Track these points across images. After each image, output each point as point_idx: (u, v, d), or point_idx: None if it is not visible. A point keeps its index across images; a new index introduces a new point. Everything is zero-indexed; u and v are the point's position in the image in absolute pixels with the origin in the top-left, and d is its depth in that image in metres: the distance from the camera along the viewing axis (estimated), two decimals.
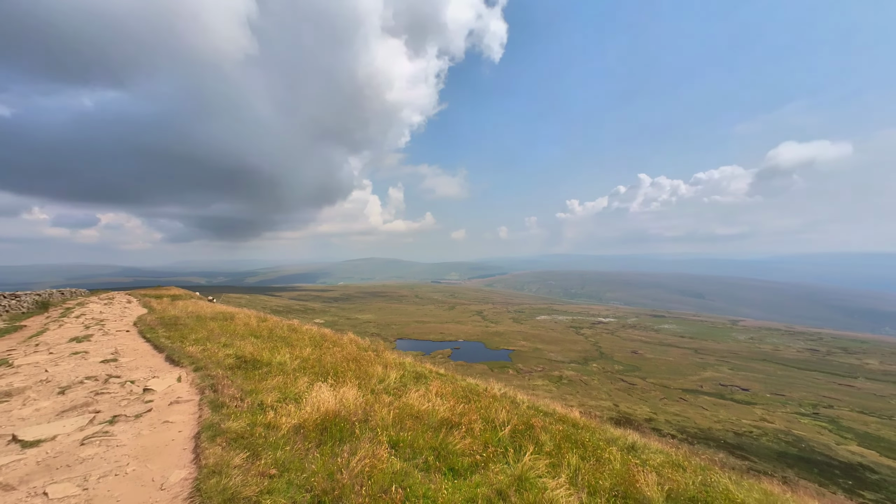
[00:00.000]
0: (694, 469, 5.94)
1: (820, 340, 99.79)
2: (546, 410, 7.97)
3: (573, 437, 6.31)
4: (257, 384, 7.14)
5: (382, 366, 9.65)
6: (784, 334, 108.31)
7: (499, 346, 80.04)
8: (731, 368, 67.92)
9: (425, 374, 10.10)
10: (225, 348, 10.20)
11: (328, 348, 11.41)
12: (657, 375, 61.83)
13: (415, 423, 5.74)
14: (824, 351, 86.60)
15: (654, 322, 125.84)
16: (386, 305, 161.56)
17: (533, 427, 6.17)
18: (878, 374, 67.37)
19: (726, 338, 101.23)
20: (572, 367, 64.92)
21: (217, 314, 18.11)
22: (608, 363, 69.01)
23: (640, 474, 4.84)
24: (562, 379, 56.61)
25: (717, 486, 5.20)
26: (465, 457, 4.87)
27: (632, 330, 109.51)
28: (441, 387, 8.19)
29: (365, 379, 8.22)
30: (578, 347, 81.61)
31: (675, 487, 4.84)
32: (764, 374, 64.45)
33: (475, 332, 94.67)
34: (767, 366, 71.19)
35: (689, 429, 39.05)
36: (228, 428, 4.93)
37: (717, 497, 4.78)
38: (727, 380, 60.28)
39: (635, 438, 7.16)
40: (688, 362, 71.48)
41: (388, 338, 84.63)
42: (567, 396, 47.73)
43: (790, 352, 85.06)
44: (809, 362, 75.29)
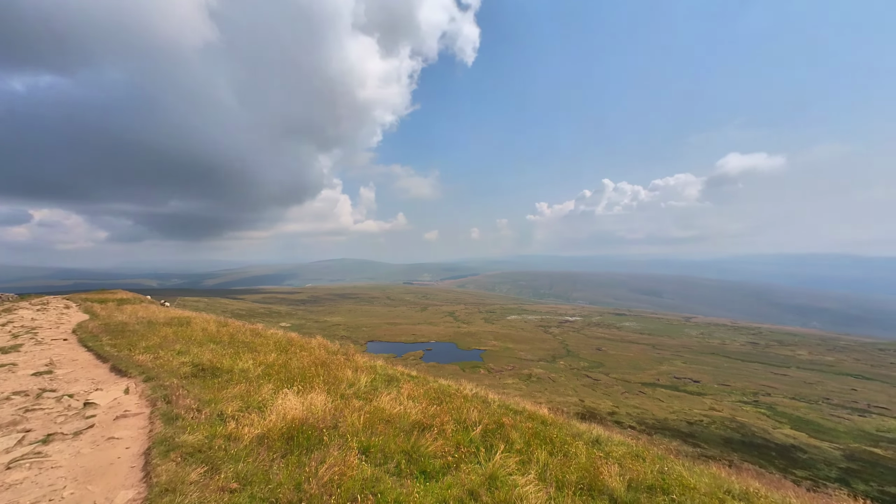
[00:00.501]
0: (652, 458, 6.32)
1: (759, 334, 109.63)
2: (516, 409, 8.15)
3: (542, 433, 6.50)
4: (217, 393, 6.73)
5: (353, 370, 9.44)
6: (730, 329, 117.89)
7: (470, 346, 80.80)
8: (684, 362, 72.88)
9: (397, 376, 9.99)
10: (180, 356, 9.52)
11: (295, 353, 10.98)
12: (619, 371, 65.10)
13: (386, 427, 5.66)
14: (763, 344, 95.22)
15: (617, 320, 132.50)
16: (356, 307, 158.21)
17: (504, 426, 6.29)
18: (808, 364, 75.09)
19: (680, 334, 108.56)
20: (541, 365, 66.84)
21: (171, 319, 16.87)
22: (574, 360, 71.74)
23: (604, 466, 5.09)
24: (531, 377, 58.10)
25: (673, 473, 5.57)
26: (437, 459, 4.87)
27: (596, 328, 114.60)
28: (413, 389, 8.14)
29: (334, 384, 8.00)
30: (547, 346, 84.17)
31: (635, 477, 5.13)
32: (712, 367, 69.74)
33: (447, 333, 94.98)
34: (715, 359, 77.11)
35: (648, 420, 41.42)
36: (184, 441, 4.61)
37: (672, 483, 5.12)
38: (681, 373, 64.63)
39: (599, 432, 7.50)
40: (646, 357, 75.87)
41: (359, 341, 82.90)
42: (536, 394, 49.07)
43: (735, 345, 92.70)
44: (751, 354, 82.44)
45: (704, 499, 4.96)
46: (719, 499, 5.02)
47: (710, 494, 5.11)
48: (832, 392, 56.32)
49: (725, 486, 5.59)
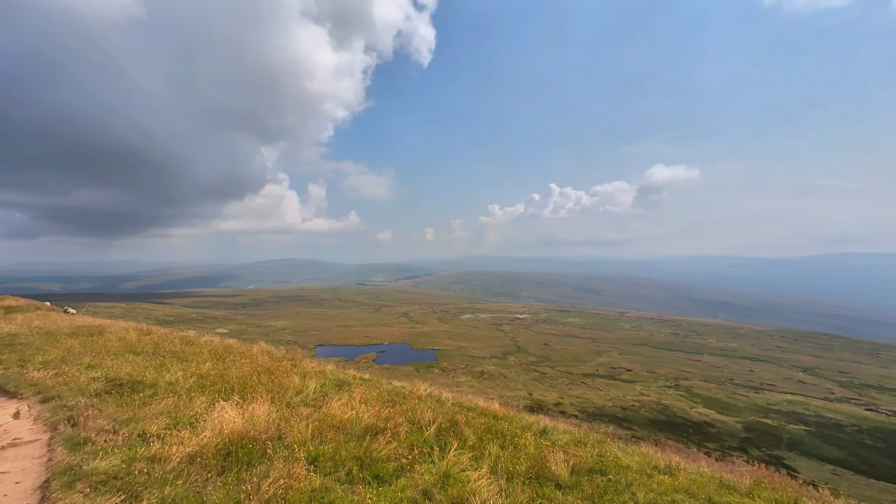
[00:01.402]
0: (592, 443, 6.85)
1: (679, 326, 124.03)
2: (469, 406, 8.32)
3: (494, 428, 6.71)
4: (138, 411, 5.94)
5: (300, 376, 8.93)
6: (656, 322, 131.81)
7: (425, 346, 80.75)
8: (619, 353, 79.93)
9: (348, 380, 9.65)
10: (90, 370, 8.25)
11: (234, 361, 10.09)
12: (564, 364, 69.50)
13: (337, 433, 5.44)
14: (682, 334, 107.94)
15: (562, 316, 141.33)
16: (304, 310, 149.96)
17: (457, 423, 6.39)
18: (716, 351, 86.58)
19: (616, 327, 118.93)
20: (493, 361, 68.97)
21: (78, 329, 14.56)
22: (524, 356, 75.11)
23: (550, 454, 5.40)
24: (483, 374, 59.67)
25: (610, 455, 6.10)
26: (391, 462, 4.80)
27: (543, 324, 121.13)
28: (365, 392, 7.93)
29: (279, 392, 7.49)
30: (498, 343, 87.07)
31: (578, 462, 5.52)
32: (642, 356, 77.40)
33: (401, 334, 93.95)
34: (645, 349, 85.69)
35: (589, 408, 44.75)
36: (95, 469, 4.00)
37: (609, 465, 5.60)
38: (616, 363, 70.81)
39: (546, 423, 7.94)
40: (587, 350, 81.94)
41: (307, 345, 78.68)
42: (488, 390, 50.53)
43: (660, 336, 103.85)
44: (673, 344, 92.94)
45: (636, 476, 5.49)
46: (648, 474, 5.60)
47: (641, 471, 5.67)
48: (734, 373, 65.57)
49: (653, 462, 6.24)
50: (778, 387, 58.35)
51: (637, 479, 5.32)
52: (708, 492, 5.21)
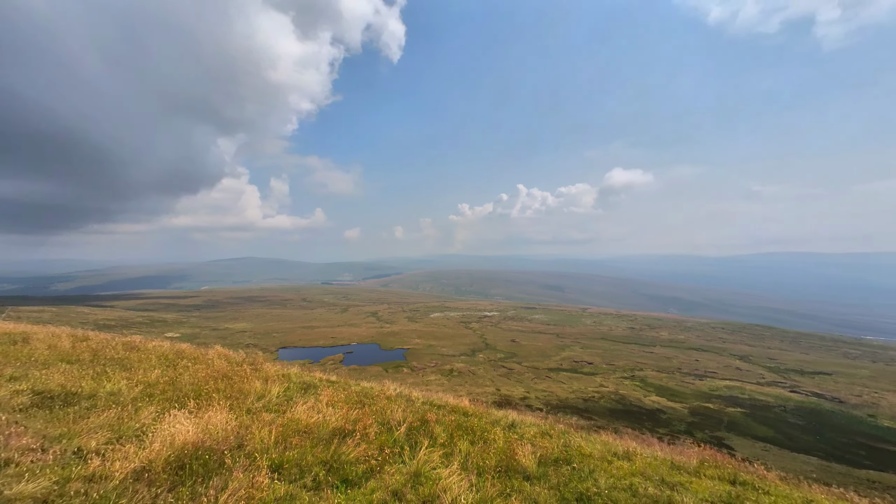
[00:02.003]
0: (558, 434, 7.14)
1: (635, 320, 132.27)
2: (440, 404, 8.34)
3: (464, 424, 6.78)
4: (72, 425, 5.35)
5: (262, 380, 8.49)
6: (615, 317, 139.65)
7: (394, 345, 79.93)
8: (581, 347, 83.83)
9: (314, 383, 9.32)
10: (13, 383, 7.31)
11: (186, 367, 9.39)
12: (530, 359, 71.72)
13: (302, 438, 5.23)
14: (638, 328, 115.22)
15: (528, 313, 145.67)
16: (266, 311, 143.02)
17: (428, 422, 6.38)
18: (667, 343, 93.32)
19: (578, 323, 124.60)
20: (462, 359, 69.70)
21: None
22: (492, 353, 76.60)
23: (519, 447, 5.56)
24: (452, 372, 60.13)
25: (573, 445, 6.39)
26: (360, 464, 4.69)
27: (511, 321, 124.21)
28: (333, 395, 7.69)
29: (239, 398, 7.08)
30: (467, 341, 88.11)
31: (544, 453, 5.72)
32: (602, 350, 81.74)
33: (369, 334, 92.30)
34: (605, 342, 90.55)
35: (553, 401, 46.54)
36: (19, 493, 3.55)
37: (574, 454, 5.86)
38: (579, 357, 74.22)
39: (514, 417, 8.15)
40: (552, 345, 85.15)
41: (269, 348, 75.09)
42: (457, 387, 50.99)
43: (618, 330, 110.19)
44: (629, 337, 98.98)
45: (598, 463, 5.79)
46: (608, 461, 5.93)
47: (602, 458, 5.99)
48: (683, 363, 71.07)
49: (612, 449, 6.62)
50: (719, 374, 64.04)
51: (599, 465, 5.62)
52: (661, 473, 5.61)
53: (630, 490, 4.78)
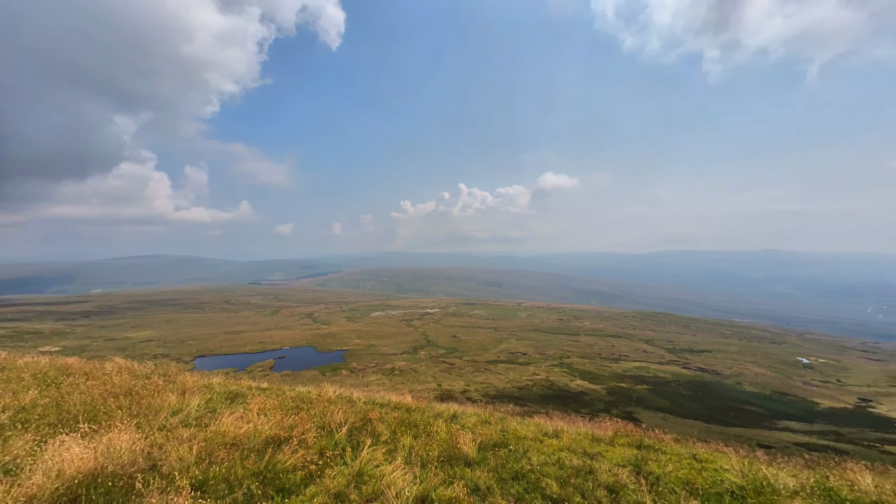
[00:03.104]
0: (496, 421, 7.59)
1: (563, 312, 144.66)
2: (382, 402, 8.27)
3: (407, 420, 6.84)
4: None
5: (178, 393, 7.54)
6: (546, 310, 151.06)
7: (331, 347, 76.40)
8: (517, 339, 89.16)
9: (242, 392, 8.56)
10: None
11: (75, 385, 7.92)
12: (470, 353, 74.19)
13: (231, 451, 4.80)
14: (566, 319, 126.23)
15: (468, 309, 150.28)
16: (178, 316, 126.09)
17: (370, 420, 6.31)
18: (590, 331, 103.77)
19: (514, 316, 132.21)
20: (404, 357, 69.36)
21: None
22: (434, 349, 77.53)
23: (460, 436, 5.80)
24: (394, 370, 59.55)
25: (510, 429, 6.86)
26: (298, 471, 4.48)
27: (452, 317, 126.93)
28: (265, 402, 7.16)
29: (149, 415, 6.21)
30: (409, 338, 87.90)
31: (484, 439, 6.06)
32: (535, 341, 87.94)
33: (304, 337, 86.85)
34: (537, 334, 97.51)
35: (491, 392, 48.84)
36: None
37: (510, 438, 6.30)
38: (514, 349, 78.87)
39: (456, 409, 8.44)
40: (490, 339, 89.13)
41: (183, 357, 66.40)
42: (399, 386, 50.67)
43: (549, 322, 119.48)
44: (559, 328, 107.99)
45: (531, 443, 6.31)
46: (540, 440, 6.50)
47: (535, 438, 6.54)
48: (602, 349, 79.77)
49: (543, 430, 7.26)
50: (630, 357, 73.24)
51: (532, 445, 6.13)
52: (584, 446, 6.32)
53: (558, 464, 5.31)
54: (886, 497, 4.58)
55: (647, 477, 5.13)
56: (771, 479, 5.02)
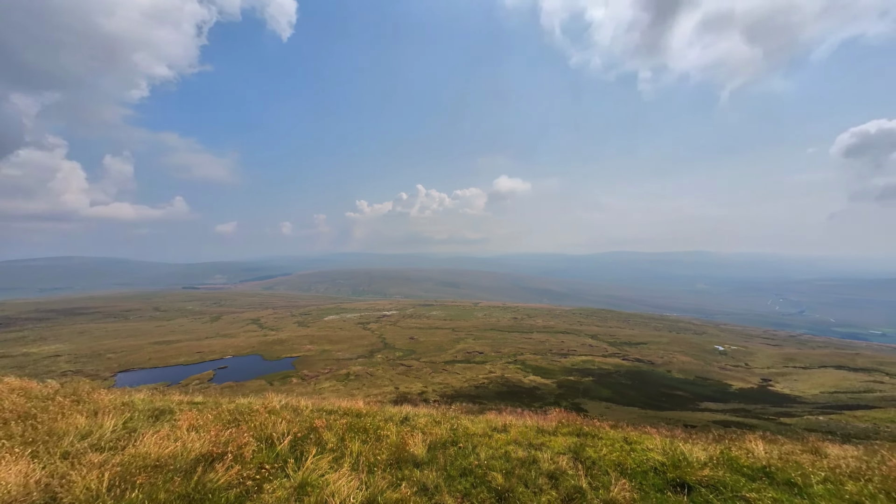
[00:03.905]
0: (447, 420, 7.68)
1: (517, 311, 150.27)
2: (331, 409, 7.98)
3: (357, 425, 6.66)
4: None
5: (89, 414, 6.63)
6: (501, 309, 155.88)
7: (280, 355, 72.01)
8: (474, 339, 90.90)
9: (170, 408, 7.75)
10: None
11: None
12: (428, 355, 74.17)
13: (153, 474, 4.33)
14: (520, 318, 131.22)
15: (426, 310, 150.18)
16: (95, 327, 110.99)
17: (316, 429, 6.05)
18: (542, 329, 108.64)
19: (471, 316, 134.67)
20: (360, 361, 67.42)
21: None
22: (391, 352, 76.34)
23: (410, 438, 5.79)
24: (349, 376, 57.66)
25: (460, 427, 6.99)
26: (233, 489, 4.17)
27: (410, 319, 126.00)
28: (197, 418, 6.55)
29: (50, 441, 5.38)
30: (365, 342, 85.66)
31: (434, 439, 6.10)
32: (491, 340, 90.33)
33: (249, 344, 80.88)
34: (493, 333, 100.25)
35: (449, 392, 49.25)
36: None
37: (460, 435, 6.42)
38: (471, 348, 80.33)
39: (409, 410, 8.41)
40: (448, 339, 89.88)
41: (101, 374, 58.49)
42: (354, 391, 49.16)
43: (504, 321, 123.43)
44: (513, 327, 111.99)
45: (480, 439, 6.49)
46: (489, 435, 6.71)
47: (484, 434, 6.74)
48: (553, 346, 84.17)
49: (493, 425, 7.51)
50: (577, 351, 78.12)
51: (481, 441, 6.30)
52: (530, 438, 6.64)
53: (505, 457, 5.53)
54: (773, 461, 5.42)
55: (585, 461, 5.53)
56: (686, 455, 5.68)
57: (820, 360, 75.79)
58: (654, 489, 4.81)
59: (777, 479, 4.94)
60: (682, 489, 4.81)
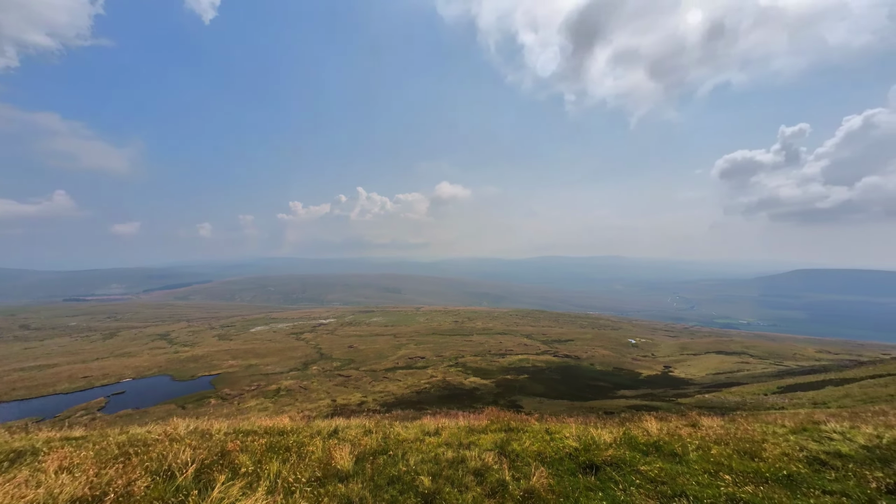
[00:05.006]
0: (379, 429, 7.51)
1: (458, 314, 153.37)
2: (249, 429, 7.27)
3: (278, 444, 6.17)
4: None
5: None
6: (443, 313, 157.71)
7: (196, 373, 63.68)
8: (416, 344, 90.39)
9: (36, 447, 6.36)
10: None
11: None
12: (368, 363, 71.76)
13: None
14: (460, 321, 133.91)
15: (367, 317, 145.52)
16: None
17: (229, 453, 5.46)
18: (481, 331, 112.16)
19: (413, 321, 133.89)
20: (292, 375, 62.60)
21: None
22: (328, 362, 72.25)
23: (337, 451, 5.53)
24: (280, 391, 53.18)
25: (392, 435, 6.89)
26: None
27: (349, 326, 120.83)
28: (71, 456, 5.47)
29: None
30: (299, 353, 79.89)
31: (363, 449, 5.92)
32: (433, 344, 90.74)
33: (156, 364, 70.12)
34: (435, 337, 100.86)
35: (389, 400, 48.16)
36: None
37: (391, 443, 6.32)
38: (413, 353, 79.77)
39: (340, 423, 8.03)
40: (389, 346, 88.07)
41: None
42: (286, 408, 45.41)
43: (446, 325, 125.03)
44: (454, 330, 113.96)
45: (413, 444, 6.47)
46: (421, 439, 6.72)
47: (416, 439, 6.73)
48: (491, 346, 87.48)
49: (426, 429, 7.54)
50: (514, 351, 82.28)
51: (412, 446, 6.28)
52: (461, 438, 6.81)
53: (434, 460, 5.58)
54: (662, 437, 6.34)
55: (509, 455, 5.84)
56: (596, 439, 6.35)
57: (706, 347, 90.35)
58: (567, 473, 5.27)
59: (664, 452, 5.78)
60: (592, 470, 5.35)
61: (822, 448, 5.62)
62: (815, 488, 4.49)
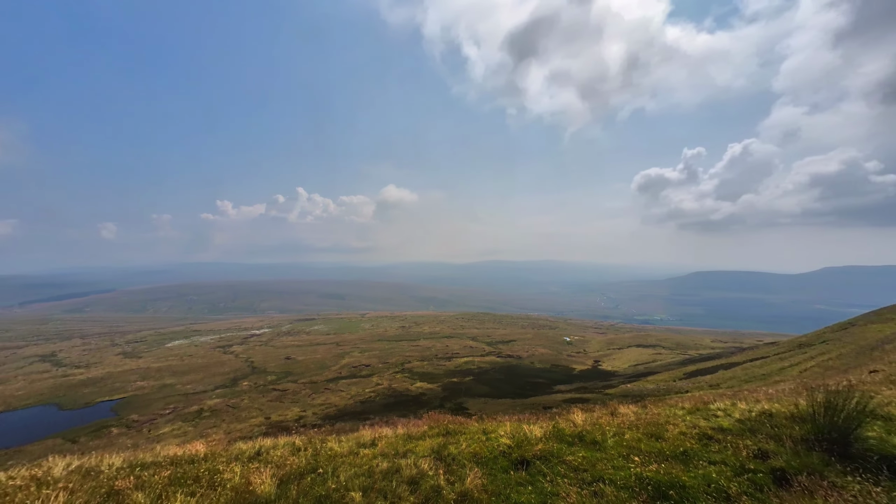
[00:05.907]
0: (311, 445, 7.01)
1: (405, 320, 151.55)
2: (151, 461, 6.28)
3: (187, 474, 5.41)
4: None
5: None
6: (389, 319, 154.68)
7: (92, 399, 54.13)
8: (360, 352, 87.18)
9: None
10: None
11: None
12: (307, 375, 67.34)
13: None
14: (407, 326, 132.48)
15: (306, 325, 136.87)
16: None
17: (119, 492, 4.64)
18: (428, 335, 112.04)
19: (358, 328, 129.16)
20: (218, 393, 56.25)
21: None
22: (260, 377, 66.33)
23: (257, 476, 5.02)
24: (202, 413, 47.40)
25: (324, 451, 6.47)
26: None
27: (286, 337, 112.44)
28: None
29: None
30: (226, 368, 72.18)
31: (289, 470, 5.46)
32: (379, 351, 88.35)
33: (35, 391, 58.18)
34: (381, 343, 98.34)
35: (331, 412, 45.64)
36: None
37: (322, 460, 5.93)
38: (357, 362, 76.79)
39: (265, 443, 7.34)
40: (331, 355, 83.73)
41: None
42: (209, 430, 40.55)
43: (392, 330, 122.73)
44: (401, 336, 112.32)
45: (346, 458, 6.14)
46: (355, 452, 6.41)
47: (350, 453, 6.40)
48: (438, 350, 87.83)
49: (361, 441, 7.22)
50: (460, 353, 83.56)
51: (345, 461, 5.96)
52: (398, 447, 6.63)
53: (367, 473, 5.35)
54: (586, 427, 6.86)
55: (445, 459, 5.83)
56: (528, 434, 6.64)
57: (628, 341, 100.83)
58: (501, 471, 5.41)
59: (587, 441, 6.25)
60: (523, 465, 5.57)
61: (710, 424, 6.56)
62: (703, 460, 5.20)
